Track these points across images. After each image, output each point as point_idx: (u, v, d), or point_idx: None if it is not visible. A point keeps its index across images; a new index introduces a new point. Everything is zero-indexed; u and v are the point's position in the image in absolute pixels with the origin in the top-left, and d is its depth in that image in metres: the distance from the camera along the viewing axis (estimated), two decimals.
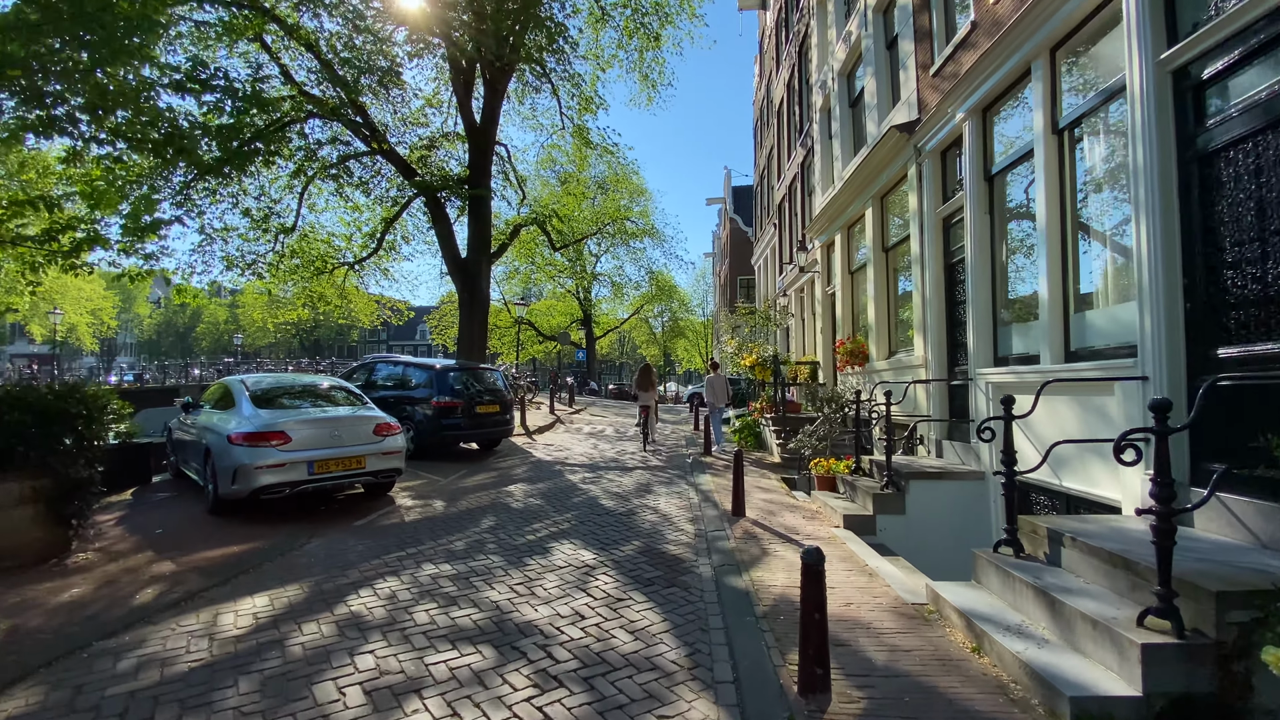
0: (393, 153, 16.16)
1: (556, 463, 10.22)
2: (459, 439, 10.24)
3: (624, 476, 9.07)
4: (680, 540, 5.86)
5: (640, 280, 39.30)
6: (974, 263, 6.53)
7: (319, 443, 6.37)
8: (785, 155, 17.05)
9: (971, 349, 6.54)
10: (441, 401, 9.95)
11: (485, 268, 17.05)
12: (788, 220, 16.49)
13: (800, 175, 14.83)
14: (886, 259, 9.42)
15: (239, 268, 17.98)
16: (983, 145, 6.58)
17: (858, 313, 10.94)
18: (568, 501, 7.40)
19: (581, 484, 8.48)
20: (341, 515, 6.71)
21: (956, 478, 6.36)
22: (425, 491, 7.96)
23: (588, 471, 9.45)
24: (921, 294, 7.77)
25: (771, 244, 19.56)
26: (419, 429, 10.00)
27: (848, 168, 10.79)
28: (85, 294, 53.02)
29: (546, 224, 20.37)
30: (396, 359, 11.19)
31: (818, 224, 12.32)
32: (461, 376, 10.52)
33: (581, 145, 20.50)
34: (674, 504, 7.36)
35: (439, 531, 6.07)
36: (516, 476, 8.99)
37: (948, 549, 6.23)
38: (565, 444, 12.60)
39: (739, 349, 12.39)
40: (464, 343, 16.87)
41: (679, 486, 8.42)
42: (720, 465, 10.20)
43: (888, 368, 8.90)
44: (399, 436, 7.08)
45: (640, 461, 10.60)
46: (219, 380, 8.34)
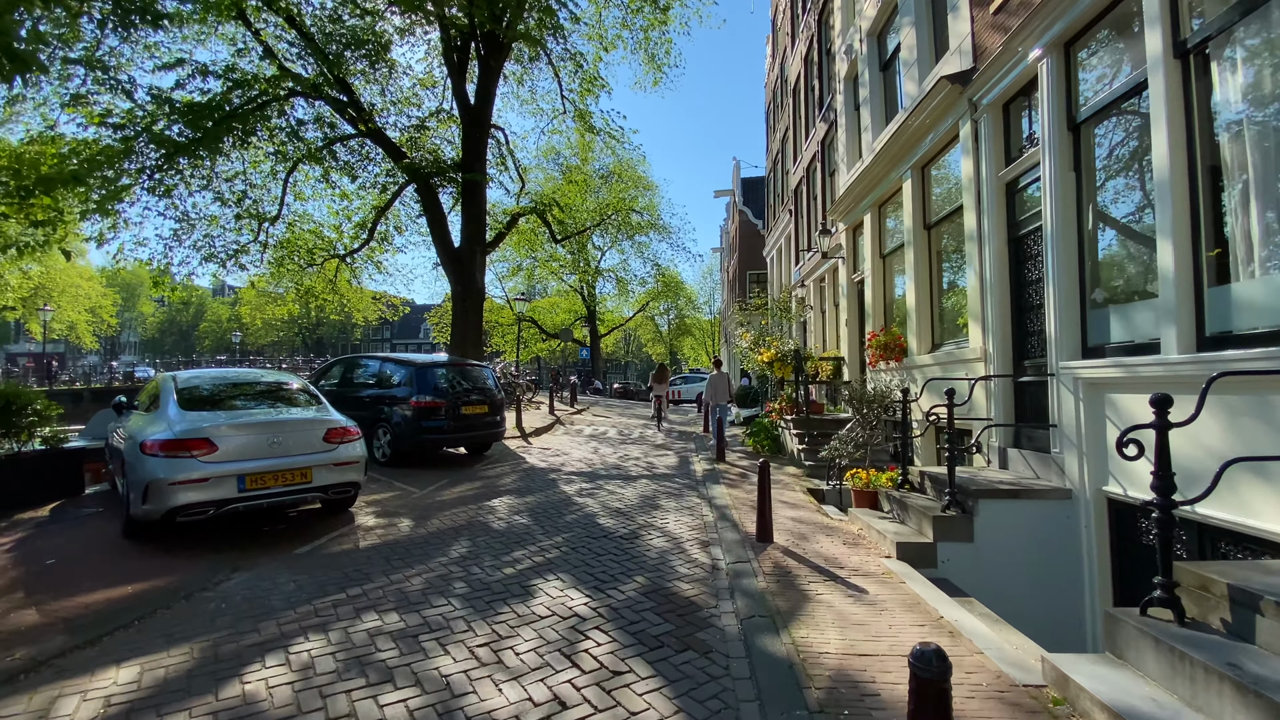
0: (380, 134, 15.05)
1: (551, 470, 9.05)
2: (442, 443, 9.10)
3: (626, 487, 7.90)
4: (695, 575, 4.68)
5: (646, 276, 38.12)
6: (1055, 232, 5.31)
7: (253, 452, 5.23)
8: (802, 135, 15.81)
9: (1053, 337, 5.32)
10: (422, 402, 8.81)
11: (480, 258, 15.93)
12: (805, 205, 15.27)
13: (820, 154, 13.60)
14: (929, 238, 8.19)
15: (220, 259, 16.99)
16: (1065, 87, 5.36)
17: (891, 301, 9.71)
18: (559, 520, 6.23)
19: (577, 497, 7.32)
20: (284, 539, 5.57)
21: (1035, 496, 5.15)
22: (394, 507, 6.81)
23: (585, 481, 8.28)
24: (979, 275, 6.55)
25: (786, 232, 18.32)
26: (396, 432, 8.87)
27: (879, 138, 9.57)
28: (84, 291, 52.48)
29: (547, 214, 19.21)
30: (374, 355, 10.06)
31: (843, 204, 11.10)
32: (445, 374, 9.37)
33: (584, 130, 19.32)
34: (685, 523, 6.17)
35: (397, 562, 4.91)
36: (504, 487, 7.83)
37: (1029, 590, 5.02)
38: (563, 448, 11.45)
39: (755, 343, 11.22)
40: (457, 338, 15.75)
41: (689, 499, 7.24)
42: (735, 474, 9.00)
43: (931, 362, 7.68)
44: (356, 443, 5.93)
45: (645, 468, 9.42)
46: (154, 376, 7.21)
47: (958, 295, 7.60)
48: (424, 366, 9.14)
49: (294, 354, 69.64)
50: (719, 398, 13.58)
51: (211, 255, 16.71)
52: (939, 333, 8.00)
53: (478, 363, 10.21)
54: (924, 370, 7.89)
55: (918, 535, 5.26)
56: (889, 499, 6.12)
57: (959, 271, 7.55)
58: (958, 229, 7.49)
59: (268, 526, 5.95)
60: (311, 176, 17.08)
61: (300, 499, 5.46)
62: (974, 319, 6.68)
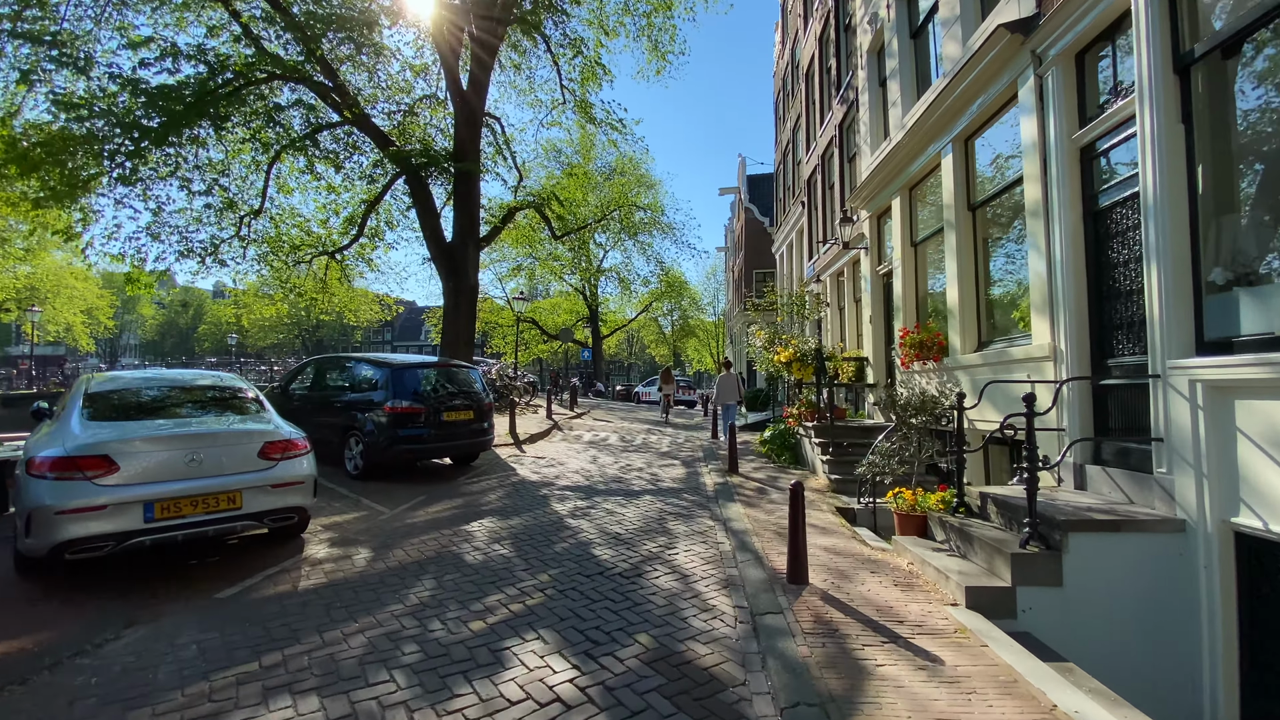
0: (366, 120, 14.09)
1: (544, 484, 8.04)
2: (420, 454, 8.09)
3: (628, 505, 6.88)
4: (714, 633, 3.66)
5: (649, 275, 37.13)
6: (1158, 199, 4.28)
7: (166, 472, 4.24)
8: (816, 121, 14.79)
9: (1158, 330, 4.29)
10: (397, 407, 7.81)
11: (473, 253, 14.96)
12: (820, 195, 14.24)
13: (838, 138, 12.57)
14: (974, 220, 7.16)
15: (198, 255, 16.07)
16: (1169, 21, 4.33)
17: (924, 295, 8.68)
18: (547, 551, 5.21)
19: (571, 518, 6.30)
20: (210, 577, 4.56)
21: (1141, 529, 4.11)
22: (355, 532, 5.81)
23: (581, 497, 7.27)
24: (1045, 258, 5.52)
25: (798, 226, 17.29)
26: (369, 442, 7.87)
27: (910, 113, 8.55)
28: (79, 292, 51.80)
29: (545, 208, 18.21)
30: (348, 356, 9.07)
31: (866, 190, 10.08)
32: (425, 376, 8.37)
33: (585, 121, 18.39)
34: (697, 555, 5.15)
35: (340, 613, 3.91)
36: (488, 506, 6.82)
37: (1130, 647, 3.99)
38: (559, 456, 10.44)
39: (770, 342, 10.21)
40: (449, 338, 14.78)
41: (701, 522, 6.22)
42: (751, 489, 7.97)
43: (979, 363, 6.65)
44: (301, 460, 4.93)
45: (649, 481, 8.40)
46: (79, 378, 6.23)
47: (1013, 284, 6.57)
48: (400, 368, 8.14)
49: (294, 356, 69.00)
50: (727, 398, 12.96)
51: (189, 251, 15.85)
52: (988, 328, 6.96)
53: (463, 364, 9.21)
54: (970, 372, 6.85)
55: (989, 576, 4.22)
56: (943, 526, 5.09)
57: (1015, 256, 6.52)
58: (1013, 207, 6.46)
59: (196, 559, 4.95)
60: (296, 168, 16.19)
61: (227, 529, 4.45)
62: (1038, 310, 5.64)
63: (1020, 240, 6.35)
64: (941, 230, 7.88)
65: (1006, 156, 6.55)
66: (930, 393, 5.46)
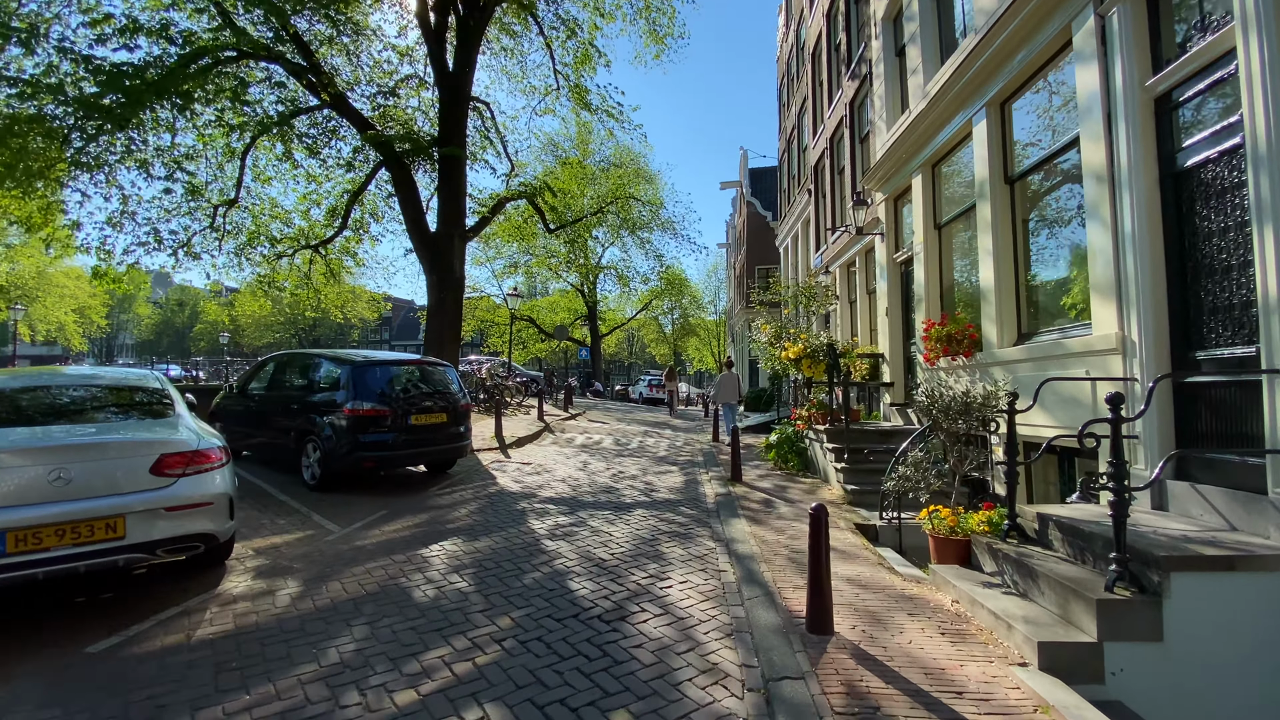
0: (343, 102, 13.19)
1: (525, 495, 7.16)
2: (384, 463, 7.21)
3: (616, 522, 5.99)
4: (715, 708, 2.78)
5: (649, 273, 36.23)
6: (1273, 147, 3.39)
7: (22, 494, 3.35)
8: (824, 102, 13.88)
9: (1275, 313, 3.39)
10: (358, 409, 6.94)
11: (459, 245, 14.07)
12: (829, 181, 13.34)
13: (848, 118, 11.67)
14: (1012, 195, 6.27)
15: (170, 248, 15.22)
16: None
17: (949, 283, 7.78)
18: (514, 584, 4.33)
19: (549, 539, 5.41)
20: (94, 619, 3.69)
21: (1261, 566, 3.21)
22: (290, 558, 4.92)
23: (564, 513, 6.38)
24: (1111, 230, 4.63)
25: (804, 216, 16.38)
26: (327, 449, 6.99)
27: (934, 80, 7.65)
28: (69, 291, 51.09)
29: (537, 199, 17.32)
30: (309, 352, 8.19)
31: (882, 169, 9.18)
32: (392, 375, 7.49)
33: (579, 107, 17.48)
34: (695, 589, 4.27)
35: (228, 679, 3.02)
36: (455, 524, 5.93)
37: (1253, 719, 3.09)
38: (547, 463, 9.55)
39: (776, 337, 9.31)
40: (433, 334, 13.90)
41: (700, 543, 5.34)
42: (757, 501, 7.08)
43: (1022, 357, 5.75)
44: (212, 475, 4.04)
45: (643, 491, 7.51)
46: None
47: (1062, 265, 5.67)
48: (363, 365, 7.26)
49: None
50: (728, 398, 12.49)
51: (159, 243, 14.99)
52: (1030, 318, 6.07)
53: (438, 361, 8.31)
54: (1009, 368, 5.96)
55: (1064, 627, 3.33)
56: (993, 554, 4.19)
57: (1064, 233, 5.62)
58: (1064, 176, 5.56)
59: (86, 595, 4.08)
60: (274, 154, 15.33)
61: (105, 564, 3.56)
62: (1101, 294, 4.75)
63: (1071, 215, 5.46)
64: (971, 209, 6.98)
65: (1054, 118, 5.65)
66: (975, 393, 4.56)
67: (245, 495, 6.94)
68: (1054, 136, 5.62)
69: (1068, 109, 5.39)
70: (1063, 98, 5.50)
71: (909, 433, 7.79)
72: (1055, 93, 5.64)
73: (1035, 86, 5.94)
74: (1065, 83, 5.42)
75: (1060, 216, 5.72)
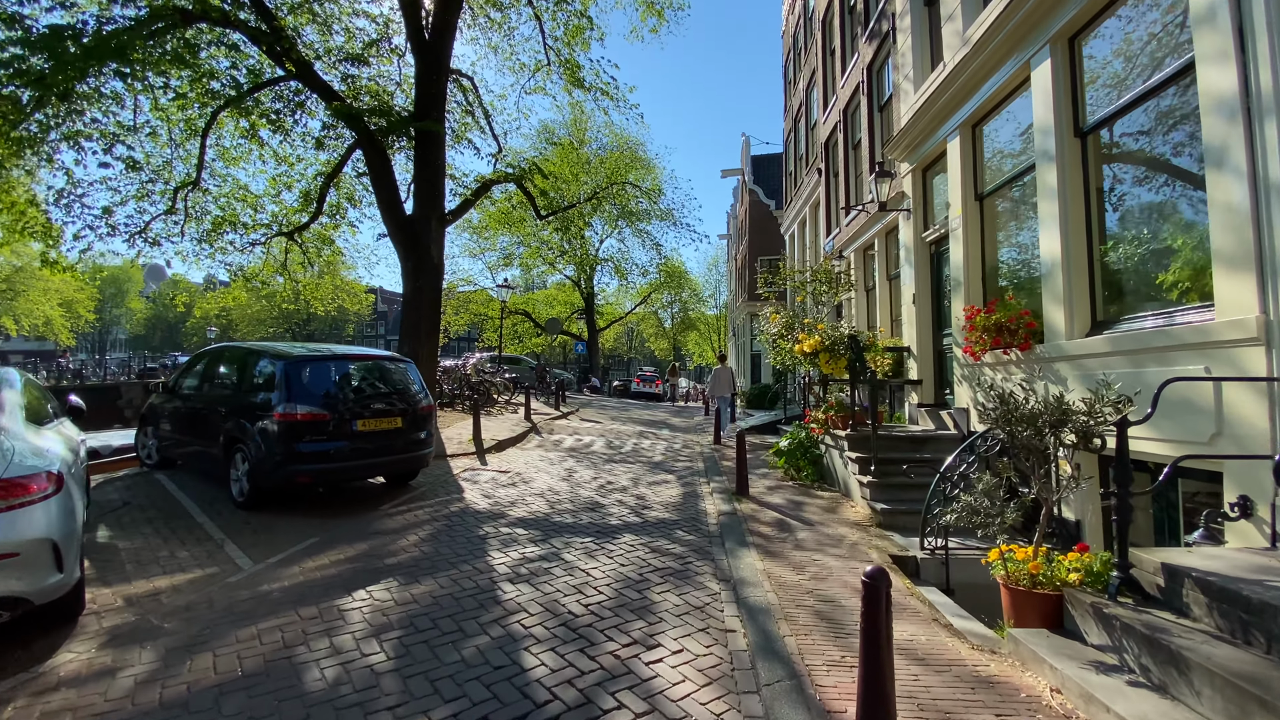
0: (308, 70, 11.97)
1: (492, 515, 6.03)
2: (323, 476, 6.06)
3: (598, 556, 4.85)
4: None
5: (647, 265, 35.02)
6: None
7: None
8: (837, 71, 12.67)
9: None
10: (292, 413, 5.79)
11: (437, 229, 12.85)
12: (842, 158, 12.14)
13: (866, 84, 10.47)
14: (1084, 150, 5.11)
15: (127, 234, 14.11)
16: None
17: (994, 263, 6.63)
18: (449, 658, 3.19)
19: (509, 582, 4.28)
20: None
21: None
22: (166, 611, 3.78)
23: (536, 539, 5.24)
24: (1248, 179, 3.47)
25: (813, 198, 15.18)
26: (255, 460, 5.86)
27: (978, 21, 6.45)
28: (53, 285, 50.01)
29: (526, 181, 16.11)
30: (241, 345, 7.03)
31: (909, 136, 8.00)
32: (335, 372, 6.35)
33: (571, 84, 16.26)
34: (693, 665, 3.14)
35: None
36: (395, 559, 4.79)
37: None
38: (527, 471, 8.43)
39: (787, 328, 8.16)
40: (408, 327, 12.72)
41: (700, 588, 4.21)
42: (768, 524, 5.95)
43: (1103, 350, 4.61)
44: (24, 513, 2.91)
45: (633, 509, 6.38)
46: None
47: (1158, 233, 4.51)
48: (300, 361, 6.11)
49: None
50: (721, 391, 13.39)
51: (113, 229, 13.84)
52: (1109, 301, 4.92)
53: (392, 356, 7.14)
54: (1079, 364, 4.82)
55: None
56: (1103, 621, 3.05)
57: (1160, 191, 4.46)
58: (1162, 119, 4.39)
59: None
60: (239, 130, 14.14)
61: None
62: (1229, 265, 3.60)
63: (1164, 168, 4.30)
64: (1026, 174, 5.82)
65: (1149, 47, 4.48)
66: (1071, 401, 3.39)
67: (159, 515, 5.84)
68: (1148, 69, 4.45)
69: (1170, 31, 4.22)
70: (1162, 17, 4.33)
71: (943, 439, 6.66)
72: (1152, 8, 4.45)
73: (1117, 11, 4.76)
74: (1153, 8, 4.25)
75: (1151, 172, 4.56)
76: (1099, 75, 5.02)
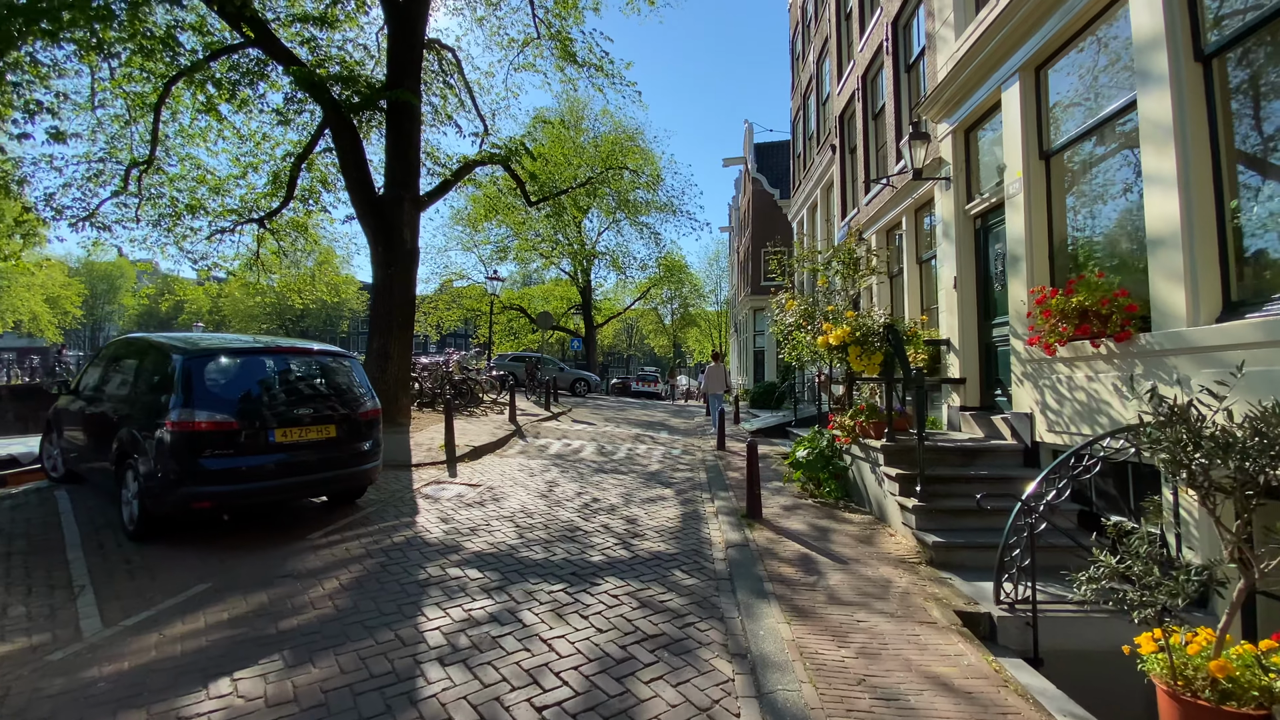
0: (267, 34, 10.73)
1: (444, 548, 4.82)
2: (230, 501, 4.83)
3: (566, 615, 3.64)
4: None
5: (646, 259, 33.76)
6: None
7: None
8: (854, 35, 11.42)
9: None
10: (189, 421, 4.58)
11: (410, 211, 11.60)
12: (861, 130, 10.88)
13: (890, 42, 9.20)
14: (1209, 76, 3.88)
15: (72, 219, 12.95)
16: None
17: (1064, 235, 5.40)
18: None
19: (443, 661, 3.06)
20: None
21: None
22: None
23: (492, 588, 4.03)
24: None
25: (825, 178, 13.92)
26: (145, 479, 4.65)
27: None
28: (38, 280, 48.90)
29: (513, 162, 14.85)
30: (142, 338, 5.77)
31: (949, 90, 6.77)
32: (248, 369, 5.12)
33: (563, 60, 15.03)
34: None
35: None
36: (298, 617, 3.58)
37: None
38: (502, 484, 7.22)
39: (806, 317, 6.92)
40: (379, 318, 11.49)
41: (704, 673, 3.00)
42: (790, 558, 4.74)
43: (1254, 338, 3.39)
44: None
45: (622, 538, 5.17)
46: None
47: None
48: (202, 355, 4.89)
49: None
50: (715, 388, 13.82)
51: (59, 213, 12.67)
52: (1252, 277, 3.70)
53: (326, 349, 5.85)
54: (1212, 357, 3.61)
55: None
56: None
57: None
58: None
59: None
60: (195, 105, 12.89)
61: None
62: None
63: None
64: (1117, 118, 4.59)
65: None
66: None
67: (25, 549, 4.67)
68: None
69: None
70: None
71: (999, 452, 5.45)
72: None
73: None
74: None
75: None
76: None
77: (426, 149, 14.76)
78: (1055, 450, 5.17)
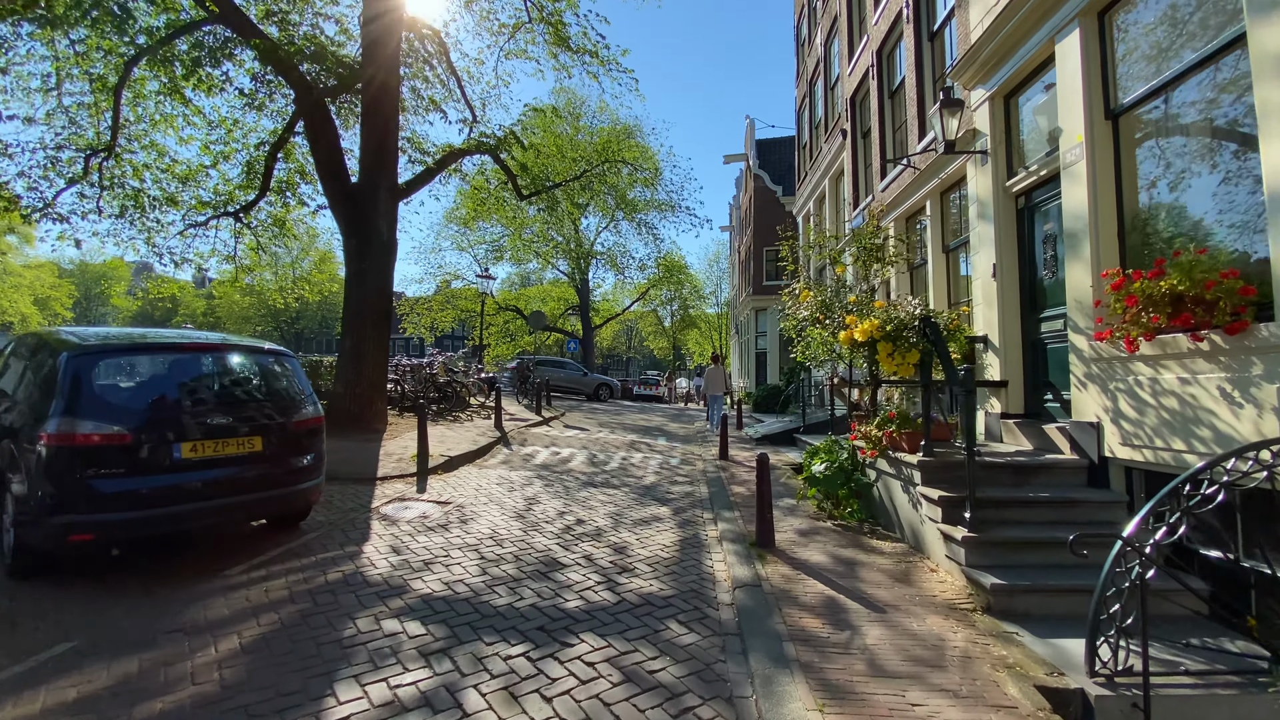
0: (230, 8, 9.87)
1: (388, 590, 3.93)
2: (119, 532, 3.90)
3: (522, 695, 2.74)
4: None
5: (645, 259, 32.90)
6: None
7: None
8: (867, 8, 10.54)
9: None
10: (69, 433, 3.69)
11: (386, 200, 10.73)
12: (876, 110, 10.00)
13: (910, 8, 8.32)
14: None
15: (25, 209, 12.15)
16: None
17: (1136, 211, 4.51)
18: None
19: None
20: None
21: None
22: None
23: (434, 651, 3.14)
24: None
25: (835, 167, 13.04)
26: (18, 502, 3.77)
27: None
28: (26, 280, 48.22)
29: (501, 152, 14.00)
30: (35, 334, 4.89)
31: (986, 49, 5.89)
32: (149, 368, 4.23)
33: (557, 47, 14.17)
34: None
35: None
36: (167, 697, 2.68)
37: None
38: (475, 501, 6.33)
39: (825, 309, 6.04)
40: (351, 316, 10.62)
41: None
42: (812, 603, 3.84)
43: None
44: None
45: (606, 574, 4.28)
46: None
47: None
48: (92, 352, 4.00)
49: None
50: (714, 390, 13.98)
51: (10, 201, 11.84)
52: None
53: (252, 345, 4.93)
54: None
55: None
56: None
57: None
58: None
59: None
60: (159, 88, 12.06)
61: None
62: None
63: None
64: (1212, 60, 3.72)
65: None
66: None
67: None
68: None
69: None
70: None
71: (1057, 469, 4.57)
72: None
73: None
74: None
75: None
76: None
77: (410, 137, 13.91)
78: (1130, 468, 4.28)
